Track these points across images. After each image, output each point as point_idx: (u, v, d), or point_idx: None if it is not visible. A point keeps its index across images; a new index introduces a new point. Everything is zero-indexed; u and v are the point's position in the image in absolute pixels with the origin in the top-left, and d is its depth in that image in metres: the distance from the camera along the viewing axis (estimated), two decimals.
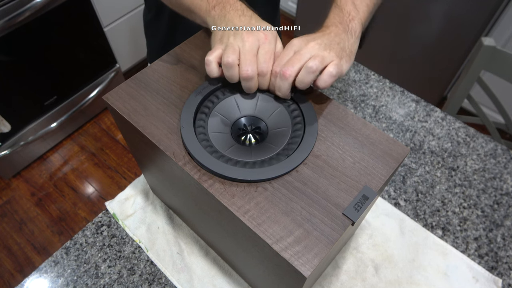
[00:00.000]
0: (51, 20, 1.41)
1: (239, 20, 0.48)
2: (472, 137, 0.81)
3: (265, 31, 0.47)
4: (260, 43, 0.46)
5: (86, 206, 1.63)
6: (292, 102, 0.48)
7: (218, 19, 0.49)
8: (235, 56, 0.44)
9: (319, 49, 0.46)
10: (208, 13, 0.50)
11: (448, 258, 0.66)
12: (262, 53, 0.45)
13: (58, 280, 0.63)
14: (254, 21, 0.48)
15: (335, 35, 0.49)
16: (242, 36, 0.45)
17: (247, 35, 0.45)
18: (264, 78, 0.46)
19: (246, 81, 0.45)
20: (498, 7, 1.36)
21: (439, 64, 1.62)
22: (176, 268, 0.64)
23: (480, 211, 0.72)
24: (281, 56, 0.47)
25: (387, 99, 0.88)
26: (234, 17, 0.48)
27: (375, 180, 0.42)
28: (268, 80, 0.47)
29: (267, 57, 0.45)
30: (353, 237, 0.67)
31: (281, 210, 0.40)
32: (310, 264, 0.36)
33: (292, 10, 2.22)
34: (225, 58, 0.44)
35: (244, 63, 0.44)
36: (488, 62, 0.98)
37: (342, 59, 0.47)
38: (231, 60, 0.44)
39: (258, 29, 0.46)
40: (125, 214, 0.70)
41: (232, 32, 0.46)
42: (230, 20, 0.48)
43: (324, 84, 0.45)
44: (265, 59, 0.45)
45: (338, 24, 0.50)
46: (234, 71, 0.45)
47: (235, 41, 0.45)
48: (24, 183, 1.69)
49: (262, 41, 0.46)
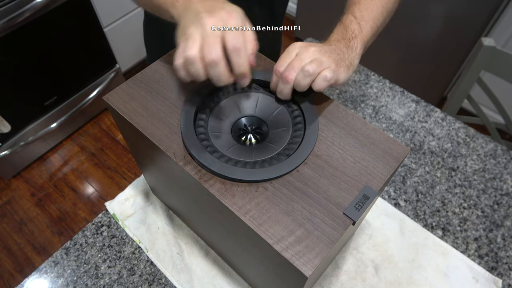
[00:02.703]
0: (51, 21, 1.41)
1: (202, 6, 0.43)
2: (472, 137, 0.82)
3: (228, 9, 0.42)
4: (224, 23, 0.41)
5: (86, 207, 1.63)
6: (293, 102, 0.48)
7: (182, 11, 0.45)
8: (197, 47, 0.40)
9: (319, 54, 0.46)
10: (172, 6, 0.47)
11: (448, 259, 0.66)
12: (230, 31, 0.41)
13: (58, 281, 0.63)
14: (219, 4, 0.43)
15: (336, 47, 0.49)
16: (202, 21, 0.41)
17: (207, 18, 0.41)
18: (239, 55, 0.41)
19: (211, 67, 0.40)
20: (498, 7, 1.36)
21: (439, 64, 1.62)
22: (176, 268, 0.64)
23: (480, 212, 0.72)
24: (283, 57, 0.46)
25: (387, 99, 0.88)
26: (197, 5, 0.43)
27: (376, 179, 0.42)
28: (244, 59, 0.42)
29: (237, 33, 0.41)
30: (353, 238, 0.67)
31: (282, 210, 0.40)
32: (311, 264, 0.36)
33: (292, 10, 2.22)
34: (186, 53, 0.40)
35: (206, 48, 0.40)
36: (488, 62, 0.98)
37: (340, 67, 0.47)
38: (192, 53, 0.40)
39: (220, 10, 0.42)
40: (125, 215, 0.70)
41: (193, 20, 0.42)
42: (194, 9, 0.43)
43: (317, 87, 0.45)
44: (234, 35, 0.41)
45: (340, 40, 0.51)
46: (198, 66, 0.41)
47: (196, 30, 0.41)
48: (24, 183, 1.69)
49: (226, 21, 0.41)
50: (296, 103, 0.48)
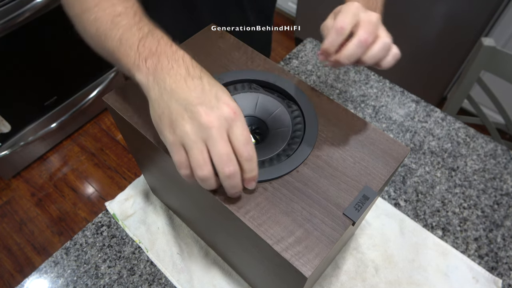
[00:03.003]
0: (51, 21, 1.41)
1: (187, 88, 0.34)
2: (472, 137, 0.81)
3: (227, 102, 0.35)
4: (229, 124, 0.34)
5: (86, 207, 1.63)
6: (293, 102, 0.48)
7: (153, 81, 0.35)
8: (207, 163, 0.34)
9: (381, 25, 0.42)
10: (137, 68, 0.37)
11: (448, 259, 0.66)
12: (238, 135, 0.34)
13: (58, 281, 0.63)
14: (208, 87, 0.35)
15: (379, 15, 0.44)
16: (200, 119, 0.33)
17: (207, 116, 0.33)
18: (252, 161, 0.35)
19: (228, 179, 0.35)
20: (498, 7, 1.36)
21: (439, 64, 1.62)
22: (176, 268, 0.64)
23: (480, 212, 0.72)
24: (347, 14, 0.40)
25: (387, 99, 0.88)
26: (177, 83, 0.34)
27: (376, 180, 0.42)
28: (256, 163, 0.36)
29: (247, 138, 0.35)
30: (353, 238, 0.67)
31: (282, 211, 0.40)
32: (311, 264, 0.36)
33: (292, 10, 2.22)
34: (198, 173, 0.34)
35: (220, 163, 0.34)
36: (488, 62, 0.98)
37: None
38: (205, 173, 0.34)
39: (217, 101, 0.34)
40: (125, 215, 0.70)
41: (182, 110, 0.34)
42: (172, 88, 0.34)
43: (388, 65, 0.43)
44: (246, 141, 0.35)
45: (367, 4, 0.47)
46: (212, 182, 0.36)
47: (193, 132, 0.33)
48: (24, 183, 1.69)
49: (230, 120, 0.34)
50: (296, 103, 0.48)
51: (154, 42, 0.37)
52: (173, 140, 0.35)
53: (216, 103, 0.34)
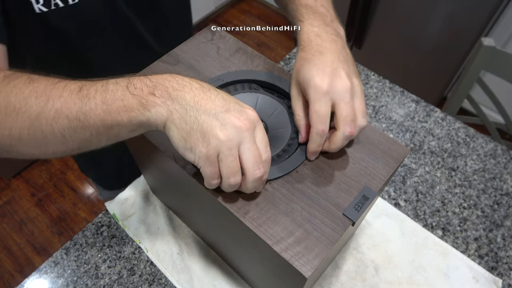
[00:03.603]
0: None
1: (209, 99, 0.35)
2: (472, 137, 0.81)
3: (248, 107, 0.36)
4: (255, 125, 0.36)
5: (86, 207, 1.63)
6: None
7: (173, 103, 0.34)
8: (239, 168, 0.36)
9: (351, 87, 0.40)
10: (151, 103, 0.34)
11: (448, 259, 0.66)
12: (261, 137, 0.36)
13: (58, 281, 0.63)
14: (225, 95, 0.36)
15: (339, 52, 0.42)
16: (234, 123, 0.34)
17: (238, 120, 0.35)
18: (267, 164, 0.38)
19: (255, 182, 0.37)
20: (498, 7, 1.36)
21: (439, 64, 1.62)
22: (176, 268, 0.64)
23: (480, 212, 0.72)
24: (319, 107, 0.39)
25: (387, 99, 0.88)
26: (198, 96, 0.35)
27: (375, 180, 0.42)
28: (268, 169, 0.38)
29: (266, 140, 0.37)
30: (353, 238, 0.67)
31: (282, 211, 0.40)
32: (311, 265, 0.36)
33: None
34: (231, 181, 0.36)
35: (253, 165, 0.35)
36: (488, 62, 0.98)
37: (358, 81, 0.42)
38: (239, 179, 0.36)
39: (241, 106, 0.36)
40: (125, 215, 0.70)
41: (213, 119, 0.34)
42: (196, 101, 0.35)
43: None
44: (266, 143, 0.37)
45: (325, 28, 0.43)
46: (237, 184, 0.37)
47: (229, 138, 0.34)
48: (24, 183, 1.69)
49: (256, 121, 0.36)
50: None
51: (143, 80, 0.36)
52: (207, 152, 0.34)
53: (240, 108, 0.35)
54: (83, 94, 0.35)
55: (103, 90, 0.35)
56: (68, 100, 0.35)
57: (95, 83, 0.36)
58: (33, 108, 0.36)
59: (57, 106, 0.35)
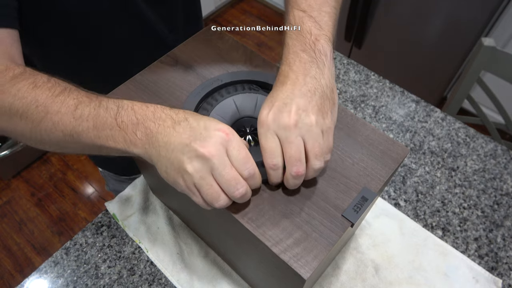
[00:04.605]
0: None
1: (177, 134, 0.35)
2: (472, 137, 0.81)
3: (216, 127, 0.36)
4: (224, 146, 0.35)
5: (86, 207, 1.63)
6: None
7: (150, 147, 0.37)
8: (220, 191, 0.36)
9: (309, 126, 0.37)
10: (133, 145, 0.37)
11: (448, 259, 0.66)
12: (235, 156, 0.35)
13: (58, 281, 0.64)
14: (195, 123, 0.36)
15: (303, 83, 0.38)
16: (198, 153, 0.34)
17: (202, 148, 0.34)
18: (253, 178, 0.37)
19: (241, 199, 0.37)
20: (498, 7, 1.36)
21: (439, 64, 1.61)
22: (176, 268, 0.64)
23: (480, 212, 0.72)
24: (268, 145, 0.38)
25: (387, 99, 0.88)
26: (168, 135, 0.36)
27: (375, 181, 0.42)
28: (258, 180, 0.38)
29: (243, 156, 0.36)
30: (353, 238, 0.67)
31: (280, 212, 0.40)
32: (310, 266, 0.36)
33: None
34: (216, 205, 0.36)
35: (229, 188, 0.35)
36: (488, 62, 0.97)
37: (327, 117, 0.38)
38: (223, 202, 0.36)
39: (207, 131, 0.35)
40: (125, 215, 0.70)
41: (180, 154, 0.35)
42: (165, 141, 0.36)
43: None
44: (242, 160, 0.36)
45: (300, 52, 0.40)
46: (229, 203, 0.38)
47: (197, 169, 0.34)
48: (24, 183, 1.69)
49: (225, 142, 0.35)
50: None
51: (130, 113, 0.38)
52: (185, 185, 0.36)
53: (206, 133, 0.35)
54: (78, 114, 0.39)
55: (95, 114, 0.38)
56: (64, 118, 0.39)
57: (89, 102, 0.39)
58: (34, 117, 0.39)
59: (55, 120, 0.39)
